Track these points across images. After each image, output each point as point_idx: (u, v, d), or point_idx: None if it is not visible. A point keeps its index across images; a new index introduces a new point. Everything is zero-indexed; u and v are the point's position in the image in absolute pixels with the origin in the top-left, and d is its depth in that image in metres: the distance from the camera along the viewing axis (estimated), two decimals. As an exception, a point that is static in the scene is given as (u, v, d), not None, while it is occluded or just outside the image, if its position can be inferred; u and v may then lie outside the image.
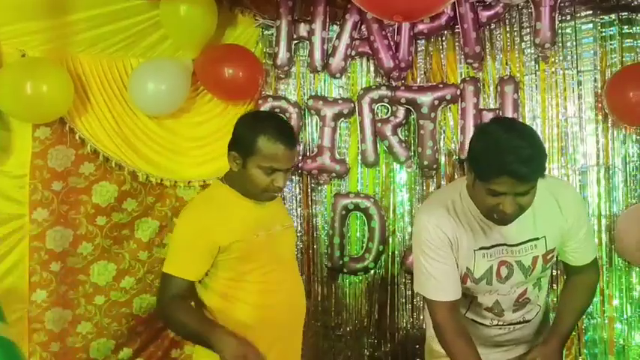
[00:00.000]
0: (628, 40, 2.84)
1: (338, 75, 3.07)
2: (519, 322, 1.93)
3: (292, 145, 1.99)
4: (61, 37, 2.78)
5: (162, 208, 3.04)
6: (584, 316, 2.79)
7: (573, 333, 2.67)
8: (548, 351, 1.85)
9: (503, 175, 1.56)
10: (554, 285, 2.84)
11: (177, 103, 2.92)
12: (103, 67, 2.88)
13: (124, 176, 2.93)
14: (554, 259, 1.87)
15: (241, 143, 1.98)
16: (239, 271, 1.98)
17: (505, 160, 1.55)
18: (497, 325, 1.92)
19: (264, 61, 3.09)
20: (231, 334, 1.91)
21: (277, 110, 3.02)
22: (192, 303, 2.07)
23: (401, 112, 3.00)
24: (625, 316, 2.88)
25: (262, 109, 3.02)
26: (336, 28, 3.04)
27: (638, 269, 2.83)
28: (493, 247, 1.79)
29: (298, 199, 3.15)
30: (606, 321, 2.89)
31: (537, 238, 1.79)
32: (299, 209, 3.14)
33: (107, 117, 2.89)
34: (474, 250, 1.79)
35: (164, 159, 2.98)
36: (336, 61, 3.03)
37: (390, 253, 3.09)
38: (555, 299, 2.79)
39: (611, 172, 2.87)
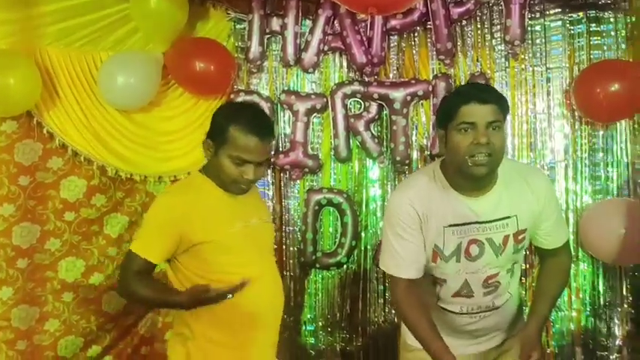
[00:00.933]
0: (596, 38, 2.90)
1: (311, 70, 3.06)
2: (488, 309, 1.94)
3: (265, 138, 1.97)
4: (28, 30, 2.73)
5: (131, 203, 3.00)
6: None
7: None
8: (525, 335, 1.87)
9: (469, 100, 1.72)
10: (523, 278, 2.87)
11: (148, 96, 2.88)
12: (72, 61, 2.83)
13: (93, 171, 2.89)
14: (526, 241, 1.90)
15: (214, 131, 1.98)
16: (216, 262, 1.96)
17: (468, 91, 1.84)
18: (467, 312, 1.94)
19: (236, 55, 3.07)
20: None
21: (249, 105, 3.00)
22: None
23: (373, 107, 3.01)
24: (592, 309, 2.93)
25: (234, 103, 3.00)
26: (308, 22, 3.04)
27: (604, 262, 2.88)
28: (465, 224, 1.82)
29: (271, 194, 3.13)
30: (574, 313, 2.94)
31: (509, 217, 1.84)
32: (271, 204, 3.12)
33: (76, 111, 2.84)
34: (444, 227, 1.83)
35: (134, 154, 2.94)
36: (309, 56, 3.03)
37: (362, 248, 3.10)
38: (524, 292, 2.83)
39: (578, 167, 2.92)
